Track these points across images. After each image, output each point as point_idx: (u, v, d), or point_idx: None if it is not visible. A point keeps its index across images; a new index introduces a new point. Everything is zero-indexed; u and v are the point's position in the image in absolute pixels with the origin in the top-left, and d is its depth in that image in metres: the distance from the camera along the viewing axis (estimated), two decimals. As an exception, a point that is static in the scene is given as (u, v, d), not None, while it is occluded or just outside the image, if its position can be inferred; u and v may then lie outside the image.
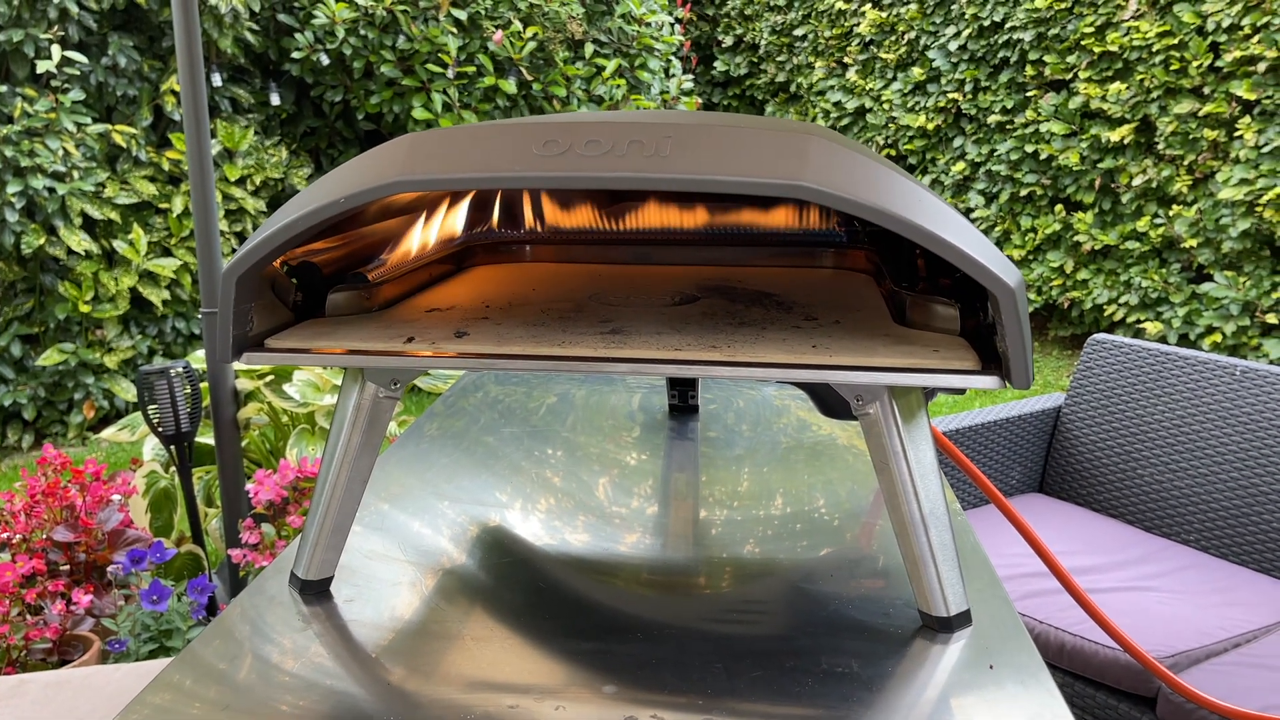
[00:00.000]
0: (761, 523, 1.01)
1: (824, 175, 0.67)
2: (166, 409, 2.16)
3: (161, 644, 1.89)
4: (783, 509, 1.04)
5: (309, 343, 0.80)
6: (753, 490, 1.09)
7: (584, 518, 1.02)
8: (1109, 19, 3.46)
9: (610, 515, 1.03)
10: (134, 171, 4.35)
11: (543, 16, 4.60)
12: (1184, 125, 3.29)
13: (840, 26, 4.68)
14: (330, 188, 0.73)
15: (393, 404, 0.84)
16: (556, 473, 1.15)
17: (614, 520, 1.01)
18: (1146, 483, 2.02)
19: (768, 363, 0.74)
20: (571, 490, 1.09)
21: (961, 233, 0.69)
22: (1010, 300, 0.68)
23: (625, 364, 0.75)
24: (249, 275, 0.75)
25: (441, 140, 0.73)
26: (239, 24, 4.40)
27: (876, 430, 0.77)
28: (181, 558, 2.19)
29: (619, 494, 1.08)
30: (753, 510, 1.04)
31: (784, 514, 1.03)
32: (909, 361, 0.74)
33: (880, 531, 0.99)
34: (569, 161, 0.69)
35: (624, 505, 1.05)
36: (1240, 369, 1.88)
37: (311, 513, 0.85)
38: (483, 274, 1.11)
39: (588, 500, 1.07)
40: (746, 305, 0.92)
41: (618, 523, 1.01)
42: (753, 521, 1.01)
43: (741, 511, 1.04)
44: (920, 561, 0.77)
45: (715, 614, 0.82)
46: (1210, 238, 3.29)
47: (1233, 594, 1.74)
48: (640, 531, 0.99)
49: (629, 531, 0.99)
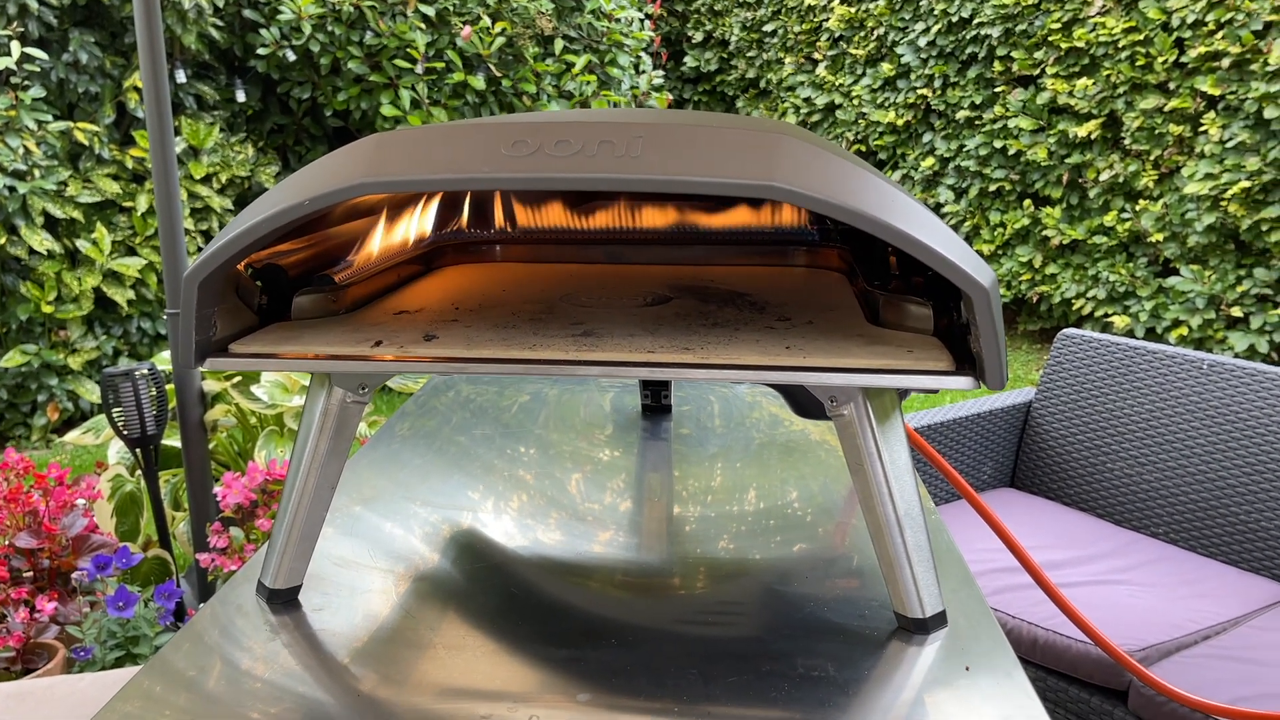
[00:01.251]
0: (736, 521, 1.00)
1: (795, 175, 0.66)
2: (131, 412, 2.13)
3: (128, 651, 1.86)
4: (757, 507, 1.04)
5: (274, 347, 0.78)
6: (727, 489, 1.09)
7: (557, 519, 1.01)
8: (1075, 15, 3.49)
9: (583, 516, 1.02)
10: (97, 170, 4.28)
11: (511, 12, 4.57)
12: (1150, 121, 3.32)
13: (810, 22, 4.69)
14: (294, 189, 0.72)
15: (360, 408, 0.82)
16: (529, 473, 1.14)
17: (587, 521, 1.00)
18: (1116, 476, 2.04)
19: (741, 365, 0.73)
20: (544, 491, 1.08)
21: (934, 232, 0.68)
22: (984, 300, 0.67)
23: (596, 366, 0.74)
24: (211, 279, 0.74)
25: (408, 141, 0.72)
26: (203, 20, 4.34)
27: (851, 432, 0.76)
28: (148, 562, 2.15)
29: (592, 495, 1.08)
30: (727, 509, 1.03)
31: (758, 512, 1.02)
32: (883, 362, 0.73)
33: (854, 530, 0.98)
34: (538, 162, 0.68)
35: (597, 506, 1.04)
36: (1207, 363, 1.90)
37: (278, 520, 0.83)
38: (453, 274, 1.09)
39: (560, 502, 1.06)
40: (719, 305, 0.91)
41: (591, 524, 1.00)
42: (727, 520, 1.00)
43: (716, 510, 1.03)
44: (895, 563, 0.77)
45: (690, 617, 0.82)
46: (1176, 232, 3.32)
47: (1201, 586, 1.75)
48: (614, 532, 0.98)
49: (603, 533, 0.98)
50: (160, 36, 2.20)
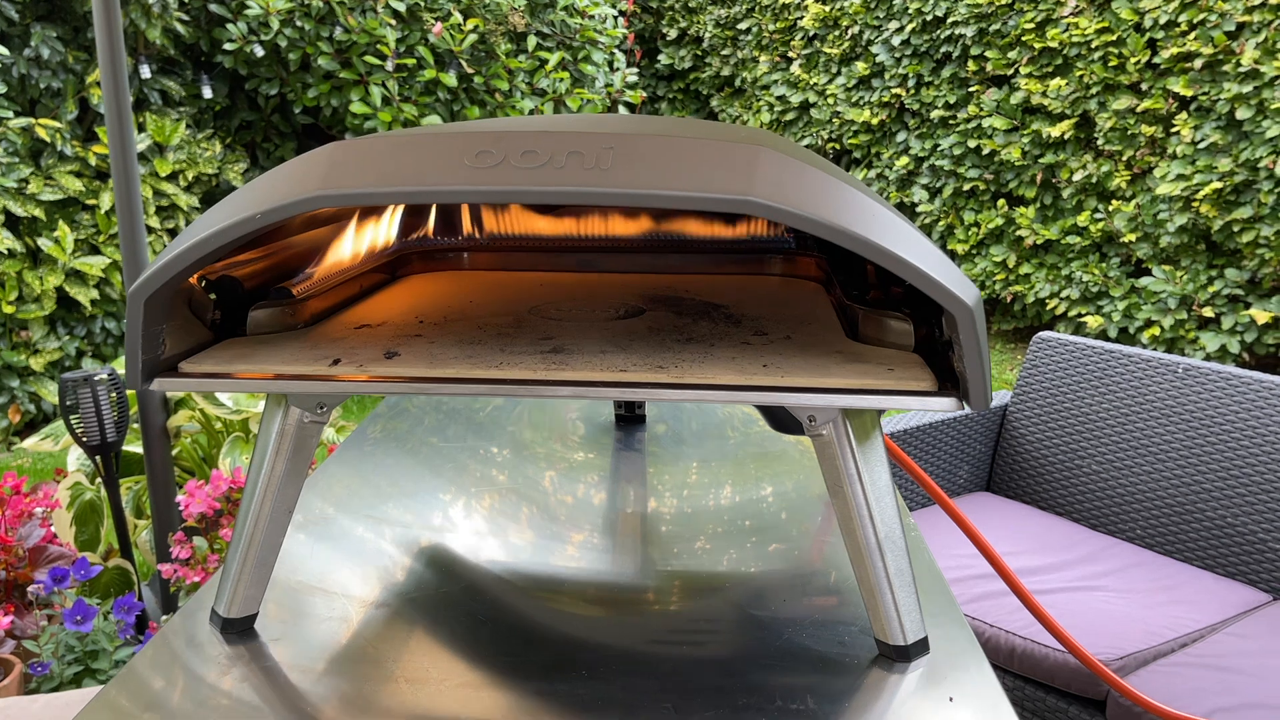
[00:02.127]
0: (712, 537, 0.97)
1: (774, 189, 0.63)
2: (91, 419, 2.07)
3: (87, 666, 1.81)
4: (734, 522, 1.01)
5: (228, 366, 0.74)
6: (702, 502, 1.06)
7: (527, 537, 0.98)
8: (1049, 15, 3.49)
9: (555, 533, 0.98)
10: (59, 167, 4.20)
11: (484, 8, 4.52)
12: (1122, 121, 3.32)
13: (784, 20, 4.67)
14: (247, 201, 0.68)
15: (319, 427, 0.79)
16: (499, 492, 1.10)
17: (558, 538, 0.97)
18: (1092, 480, 2.03)
19: (717, 385, 0.70)
20: (515, 508, 1.05)
21: (917, 249, 0.65)
22: (969, 320, 0.65)
23: (566, 387, 0.71)
24: (159, 296, 0.70)
25: (365, 151, 0.68)
26: (168, 14, 4.26)
27: (830, 452, 0.74)
28: (109, 573, 2.10)
29: (563, 510, 1.04)
30: (702, 523, 1.00)
31: (735, 528, 0.99)
32: (863, 382, 0.70)
33: (831, 547, 0.96)
34: (504, 174, 0.64)
35: (569, 521, 1.01)
36: (1183, 367, 1.89)
37: (232, 545, 0.79)
38: (418, 284, 1.06)
39: (532, 518, 1.02)
40: (694, 319, 0.88)
41: (562, 541, 0.97)
42: (703, 536, 0.98)
43: (691, 525, 1.00)
44: (876, 589, 0.75)
45: (665, 638, 0.79)
46: (1149, 232, 3.33)
47: (1178, 592, 1.75)
48: (586, 550, 0.95)
49: (574, 550, 0.95)
50: (118, 26, 2.15)
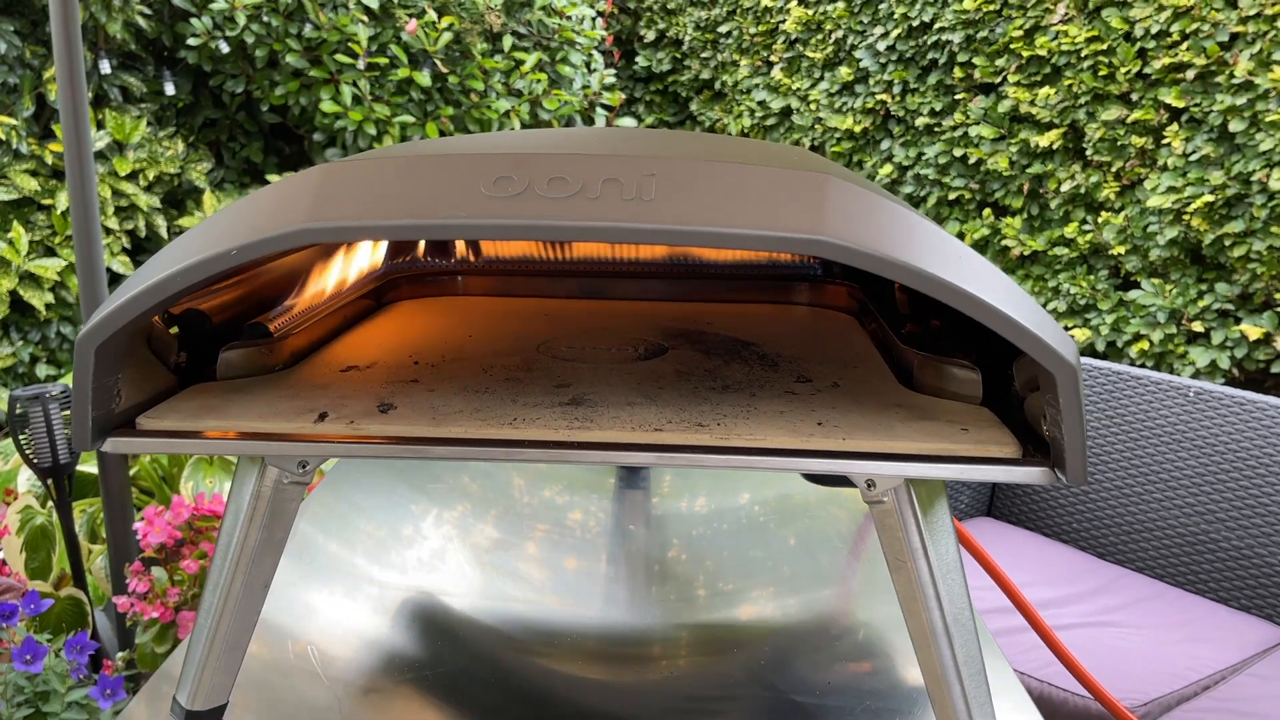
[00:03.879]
0: (731, 594, 0.88)
1: (848, 226, 0.54)
2: (42, 438, 1.93)
3: (38, 708, 1.68)
4: (753, 579, 0.91)
5: (195, 421, 0.63)
6: (715, 554, 0.96)
7: (523, 594, 0.88)
8: (1038, 22, 3.43)
9: (551, 585, 0.88)
10: (14, 165, 4.02)
11: (459, 6, 4.39)
12: (1112, 131, 3.27)
13: (766, 23, 4.58)
14: (219, 233, 0.57)
15: (300, 489, 0.68)
16: (492, 539, 1.00)
17: (555, 591, 0.87)
18: (1100, 507, 1.96)
19: (769, 449, 0.60)
20: (509, 563, 0.95)
21: (1011, 298, 0.56)
22: (1071, 382, 0.56)
23: (595, 451, 0.61)
24: (113, 343, 0.59)
25: (360, 175, 0.58)
26: (129, 7, 4.10)
27: (890, 523, 0.64)
28: (61, 603, 1.97)
29: (560, 556, 0.94)
30: (718, 581, 0.91)
31: (755, 587, 0.90)
32: (938, 446, 0.61)
33: (858, 600, 0.87)
34: (529, 206, 0.54)
35: (565, 570, 0.91)
36: (1194, 390, 1.83)
37: (198, 626, 0.68)
38: (408, 312, 0.95)
39: (524, 571, 0.92)
40: (725, 360, 0.79)
41: (560, 593, 0.87)
42: (719, 592, 0.88)
43: (704, 583, 0.90)
44: (943, 679, 0.65)
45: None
46: (1138, 245, 3.28)
47: (1194, 628, 1.68)
48: (587, 602, 0.85)
49: (574, 603, 0.85)
50: (77, 21, 2.01)
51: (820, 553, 0.97)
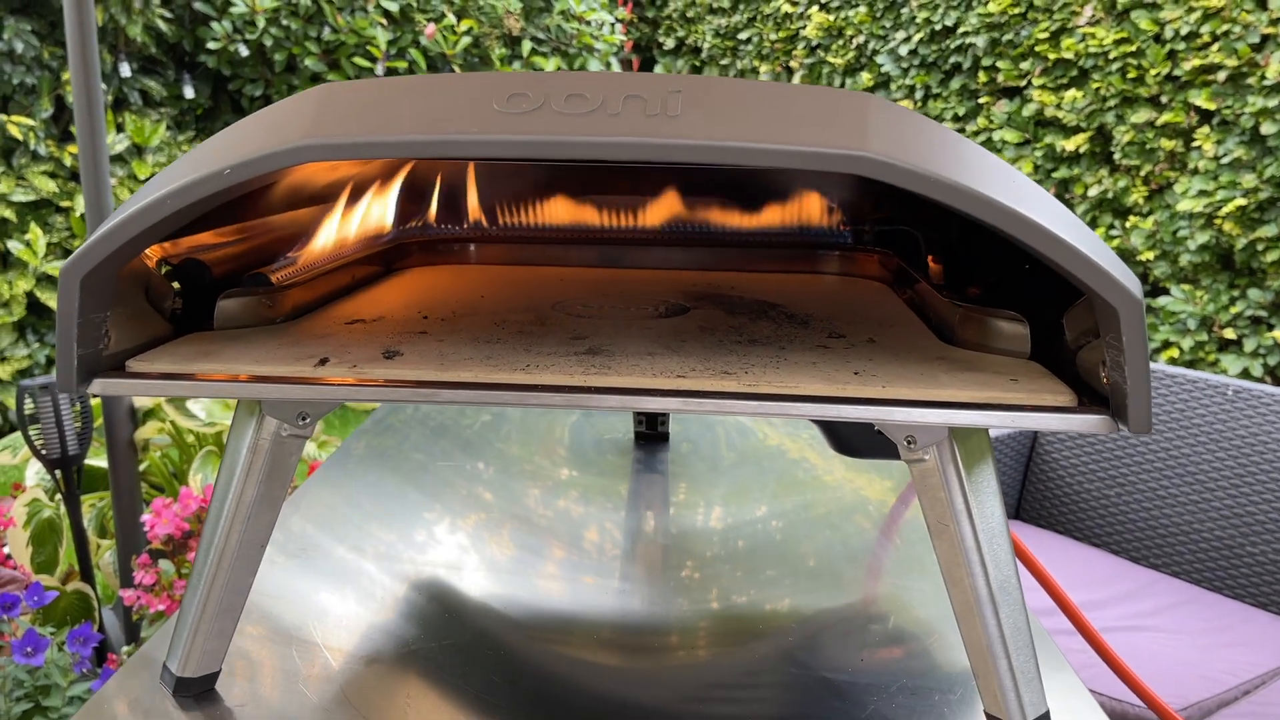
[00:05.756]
0: (760, 583, 0.83)
1: (892, 145, 0.49)
2: (51, 429, 1.90)
3: (38, 703, 1.64)
4: (786, 569, 0.86)
5: (187, 364, 0.59)
6: (743, 541, 0.91)
7: (540, 578, 0.83)
8: (1064, 25, 3.38)
9: (567, 573, 0.84)
10: (32, 167, 4.03)
11: (478, 10, 4.39)
12: (1141, 135, 3.22)
13: (786, 30, 4.55)
14: (212, 155, 0.53)
15: (301, 443, 0.64)
16: (506, 521, 0.96)
17: (571, 579, 0.83)
18: (1132, 510, 1.90)
19: (802, 395, 0.56)
20: (523, 542, 0.90)
21: (1067, 225, 0.52)
22: (1135, 315, 0.51)
23: (613, 395, 0.56)
24: (99, 274, 0.55)
25: (365, 93, 0.54)
26: (149, 10, 4.11)
27: (932, 482, 0.59)
28: (68, 597, 1.93)
29: (577, 543, 0.90)
30: (746, 570, 0.86)
31: (789, 575, 0.85)
32: (986, 395, 0.56)
33: (902, 589, 0.82)
34: (544, 121, 0.50)
35: (582, 556, 0.87)
36: (1233, 389, 1.77)
37: (190, 587, 0.64)
38: (418, 277, 0.91)
39: (541, 553, 0.88)
40: (751, 318, 0.74)
41: (576, 580, 0.82)
42: (747, 584, 0.83)
43: (731, 571, 0.86)
44: (989, 651, 0.60)
45: (716, 705, 0.64)
46: (1167, 250, 3.22)
47: (1232, 633, 1.61)
48: (604, 590, 0.80)
49: (590, 591, 0.80)
50: (92, 21, 2.00)
51: (849, 531, 0.92)
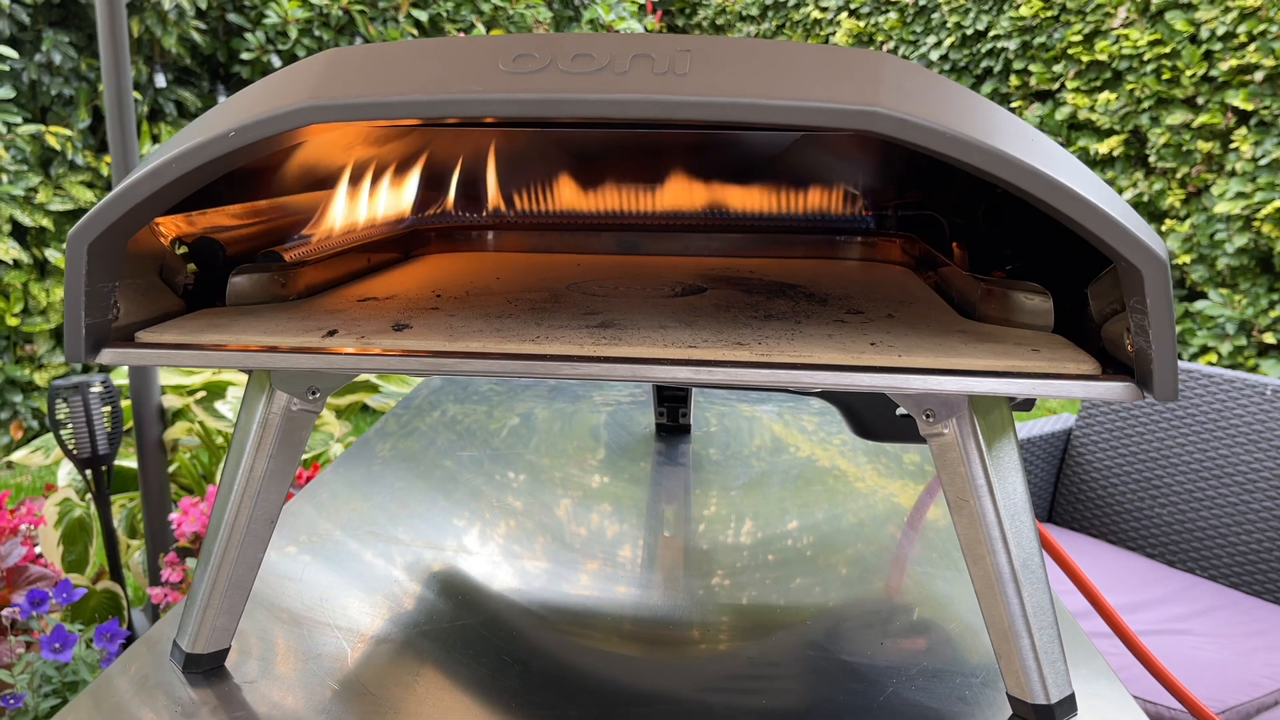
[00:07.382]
0: (779, 571, 0.81)
1: (907, 101, 0.48)
2: (82, 429, 1.92)
3: (65, 698, 1.65)
4: (805, 557, 0.85)
5: (196, 335, 0.59)
6: (762, 530, 0.90)
7: (556, 565, 0.82)
8: (1097, 27, 3.34)
9: (586, 563, 0.83)
10: (69, 176, 4.09)
11: (508, 20, 4.41)
12: (1177, 137, 3.17)
13: (816, 36, 4.54)
14: (218, 120, 0.53)
15: (310, 418, 0.63)
16: (522, 510, 0.95)
17: (590, 569, 0.81)
18: (1168, 513, 1.85)
19: (817, 364, 0.54)
20: (539, 529, 0.89)
21: (1091, 185, 0.50)
22: (1161, 280, 0.49)
23: (623, 365, 0.55)
24: (107, 240, 0.55)
25: (371, 56, 0.53)
26: (184, 21, 4.17)
27: (952, 457, 0.58)
28: (97, 596, 1.95)
29: (597, 535, 0.89)
30: (766, 558, 0.84)
31: (807, 563, 0.83)
32: (1006, 363, 0.55)
33: (925, 577, 0.80)
34: (550, 80, 0.49)
35: (603, 547, 0.85)
36: (1271, 389, 1.72)
37: (200, 564, 0.64)
38: (435, 263, 0.91)
39: (559, 541, 0.86)
40: (768, 296, 0.73)
41: (595, 571, 0.81)
42: (766, 572, 0.82)
43: (751, 559, 0.84)
44: (1011, 631, 0.58)
45: (734, 694, 0.63)
46: (1205, 254, 3.16)
47: (1272, 637, 1.57)
48: (623, 581, 0.79)
49: (608, 582, 0.79)
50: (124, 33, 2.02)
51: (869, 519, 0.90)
